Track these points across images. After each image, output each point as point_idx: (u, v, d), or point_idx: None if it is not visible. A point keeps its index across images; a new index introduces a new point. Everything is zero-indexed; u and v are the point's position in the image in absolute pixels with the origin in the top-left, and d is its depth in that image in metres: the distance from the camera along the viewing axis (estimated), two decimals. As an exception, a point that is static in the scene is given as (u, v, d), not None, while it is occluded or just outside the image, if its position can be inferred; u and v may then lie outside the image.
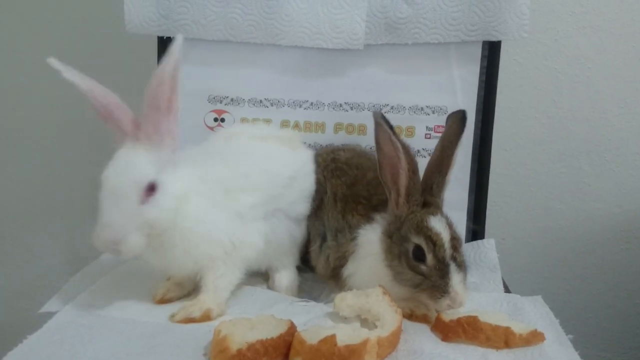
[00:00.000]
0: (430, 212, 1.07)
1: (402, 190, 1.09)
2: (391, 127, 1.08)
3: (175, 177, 1.04)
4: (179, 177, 1.05)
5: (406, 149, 1.08)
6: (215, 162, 1.15)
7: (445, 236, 1.04)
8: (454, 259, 1.03)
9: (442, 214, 1.09)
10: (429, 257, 1.03)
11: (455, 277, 1.01)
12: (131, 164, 1.01)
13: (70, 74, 1.00)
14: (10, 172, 2.10)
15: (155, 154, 1.02)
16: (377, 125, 1.10)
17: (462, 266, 1.04)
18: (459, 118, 1.16)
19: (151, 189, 1.00)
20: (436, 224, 1.05)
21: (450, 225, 1.07)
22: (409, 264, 1.05)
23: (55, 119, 2.03)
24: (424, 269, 1.03)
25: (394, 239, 1.08)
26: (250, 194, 1.15)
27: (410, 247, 1.05)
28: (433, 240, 1.03)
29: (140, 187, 0.99)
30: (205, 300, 1.06)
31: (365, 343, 0.85)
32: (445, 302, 1.01)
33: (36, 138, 2.06)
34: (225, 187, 1.12)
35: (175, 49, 1.02)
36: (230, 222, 1.10)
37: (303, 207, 1.30)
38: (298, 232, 1.30)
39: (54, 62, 0.99)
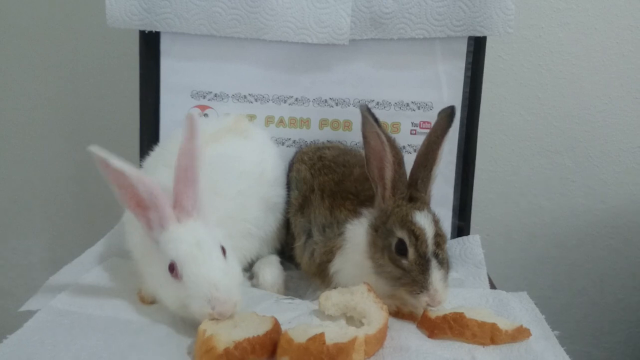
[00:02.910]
0: (416, 207, 1.07)
1: (388, 184, 1.09)
2: (377, 121, 1.08)
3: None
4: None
5: (392, 142, 1.08)
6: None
7: (429, 232, 1.03)
8: (436, 255, 1.03)
9: (428, 209, 1.08)
10: (411, 252, 1.02)
11: (435, 274, 1.01)
12: (198, 234, 0.99)
13: (118, 163, 0.94)
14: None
15: (201, 225, 1.02)
16: (364, 118, 1.10)
17: (444, 264, 1.03)
18: (447, 113, 1.16)
19: (224, 252, 1.01)
20: (421, 219, 1.04)
21: (436, 222, 1.06)
22: (390, 257, 1.04)
23: (36, 117, 2.02)
24: (404, 263, 1.03)
25: (379, 232, 1.08)
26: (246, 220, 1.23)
27: (394, 241, 1.04)
28: (416, 234, 1.03)
29: (220, 249, 1.00)
30: None
31: (353, 341, 0.86)
32: (423, 298, 1.00)
33: (16, 136, 2.04)
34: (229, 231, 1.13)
35: (191, 122, 1.01)
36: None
37: (276, 193, 1.32)
38: (272, 219, 1.31)
39: (97, 150, 0.94)
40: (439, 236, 1.05)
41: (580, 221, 2.01)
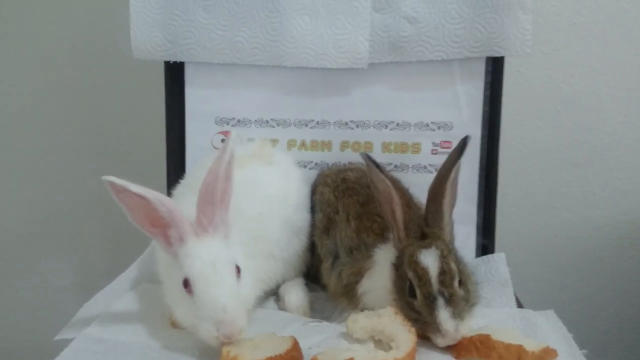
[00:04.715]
0: (424, 244, 1.05)
1: (401, 225, 1.08)
2: (378, 166, 1.09)
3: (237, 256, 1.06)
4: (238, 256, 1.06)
5: (396, 184, 1.08)
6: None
7: (432, 271, 1.01)
8: (442, 293, 1.00)
9: (437, 245, 1.04)
10: (418, 293, 1.01)
11: (442, 314, 0.98)
12: (214, 252, 1.01)
13: (136, 188, 0.97)
14: (19, 193, 2.12)
15: (219, 242, 1.03)
16: (367, 165, 1.10)
17: (453, 300, 1.00)
18: (459, 145, 1.12)
19: (238, 271, 1.02)
20: (425, 257, 1.02)
21: (444, 257, 1.03)
22: (406, 301, 1.04)
23: (65, 144, 2.06)
24: (415, 305, 1.02)
25: (399, 272, 1.07)
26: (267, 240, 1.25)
27: (407, 283, 1.03)
28: (419, 275, 1.01)
29: (234, 269, 1.01)
30: None
31: (382, 365, 0.86)
32: (438, 339, 0.99)
33: (44, 160, 2.09)
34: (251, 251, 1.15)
35: (229, 147, 1.04)
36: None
37: (300, 217, 1.34)
38: (296, 242, 1.32)
39: (114, 179, 0.97)
40: (444, 273, 1.01)
41: (603, 233, 2.00)
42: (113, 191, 0.98)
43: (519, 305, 1.25)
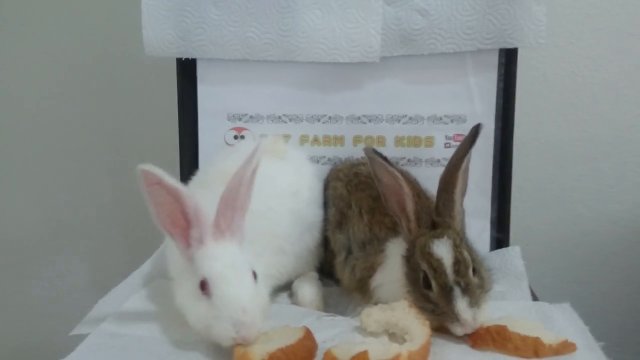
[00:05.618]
0: (436, 234, 1.04)
1: (412, 216, 1.08)
2: (386, 159, 1.08)
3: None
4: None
5: (405, 175, 1.08)
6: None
7: (447, 261, 1.00)
8: (458, 283, 0.99)
9: (449, 234, 1.04)
10: (433, 284, 1.00)
11: (460, 303, 0.98)
12: (233, 254, 1.01)
13: (171, 180, 0.96)
14: (35, 191, 2.14)
15: (236, 246, 1.03)
16: (371, 160, 1.10)
17: (469, 290, 0.99)
18: (471, 133, 1.11)
19: (255, 276, 1.02)
20: (438, 248, 1.02)
21: (457, 247, 1.02)
22: (421, 292, 1.03)
23: (79, 142, 2.07)
24: (432, 296, 1.01)
25: (411, 264, 1.07)
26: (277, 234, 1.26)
27: (421, 275, 1.03)
28: (434, 266, 1.00)
29: (251, 274, 1.01)
30: None
31: (396, 358, 0.86)
32: (457, 329, 0.99)
33: (59, 159, 2.10)
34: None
35: (257, 154, 1.04)
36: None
37: (312, 212, 1.34)
38: (308, 237, 1.32)
39: (150, 168, 0.95)
40: (459, 263, 1.01)
41: (619, 227, 1.97)
42: (145, 182, 0.95)
43: (535, 298, 1.24)
